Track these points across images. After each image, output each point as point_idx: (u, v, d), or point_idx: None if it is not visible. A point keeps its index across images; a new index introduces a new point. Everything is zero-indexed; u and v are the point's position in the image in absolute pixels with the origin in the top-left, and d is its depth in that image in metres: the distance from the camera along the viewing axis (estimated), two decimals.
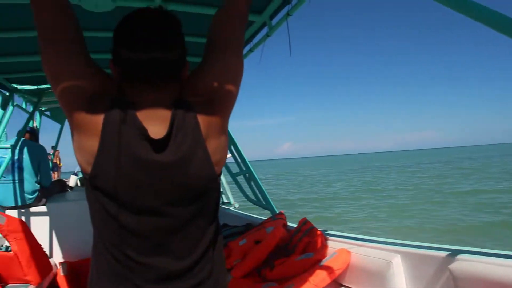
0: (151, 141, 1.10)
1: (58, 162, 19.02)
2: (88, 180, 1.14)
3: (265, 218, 3.78)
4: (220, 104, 1.23)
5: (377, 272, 2.24)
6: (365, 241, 2.59)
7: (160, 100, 1.16)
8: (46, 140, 4.95)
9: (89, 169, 1.12)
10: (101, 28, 2.95)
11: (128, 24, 1.17)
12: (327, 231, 3.04)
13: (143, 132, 1.10)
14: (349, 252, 2.50)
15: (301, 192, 23.59)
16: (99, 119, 1.10)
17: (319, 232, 2.94)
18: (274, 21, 2.88)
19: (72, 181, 7.73)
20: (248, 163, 4.50)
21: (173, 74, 1.19)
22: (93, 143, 1.10)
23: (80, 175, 15.96)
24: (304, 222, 3.18)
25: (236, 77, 1.29)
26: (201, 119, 1.16)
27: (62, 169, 18.65)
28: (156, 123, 1.13)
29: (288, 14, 2.64)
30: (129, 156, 1.10)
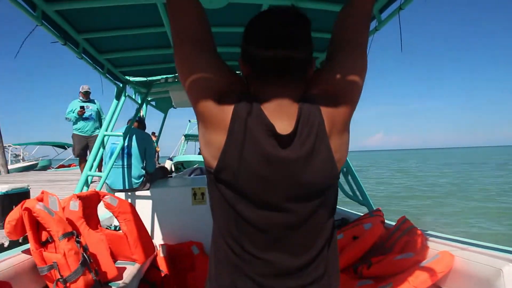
0: (277, 136, 1.12)
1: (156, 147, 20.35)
2: (212, 174, 1.18)
3: (361, 214, 3.72)
4: (346, 103, 1.23)
5: (484, 280, 2.08)
6: (471, 245, 2.44)
7: (286, 96, 1.18)
8: (148, 127, 5.36)
9: (214, 163, 1.16)
10: (215, 24, 3.08)
11: (259, 23, 1.20)
12: (427, 231, 2.91)
13: (270, 127, 1.12)
14: (452, 256, 2.36)
15: (394, 186, 22.66)
16: (227, 114, 1.14)
17: (419, 232, 2.82)
18: (383, 15, 2.79)
19: (167, 165, 8.22)
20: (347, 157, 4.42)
21: (301, 72, 1.21)
22: (221, 138, 1.14)
23: (175, 160, 16.75)
24: (403, 221, 3.08)
25: (362, 76, 1.29)
26: (326, 116, 1.17)
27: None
28: (282, 119, 1.15)
29: (400, 8, 2.54)
30: (256, 151, 1.12)
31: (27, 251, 2.59)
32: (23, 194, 5.23)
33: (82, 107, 8.78)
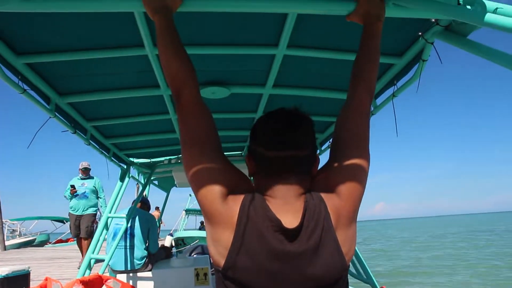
0: (284, 230, 1.16)
1: (162, 223, 20.23)
2: (220, 273, 1.21)
3: None
4: (351, 197, 1.29)
5: None
6: None
7: (292, 192, 1.24)
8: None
9: (222, 262, 1.18)
10: (216, 111, 3.28)
11: (264, 125, 1.31)
12: None
13: (277, 222, 1.17)
14: None
15: (400, 260, 22.10)
16: (234, 212, 1.19)
17: None
18: (378, 101, 2.97)
19: (168, 241, 8.15)
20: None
21: (306, 169, 1.29)
22: (228, 236, 1.18)
23: (175, 235, 16.58)
24: None
25: (365, 172, 1.36)
26: (332, 210, 1.23)
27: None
28: (288, 214, 1.20)
29: (393, 95, 2.72)
30: (263, 247, 1.15)
31: None
32: (24, 277, 5.19)
33: (72, 186, 8.60)
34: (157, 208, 10.54)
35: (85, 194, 8.62)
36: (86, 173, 8.84)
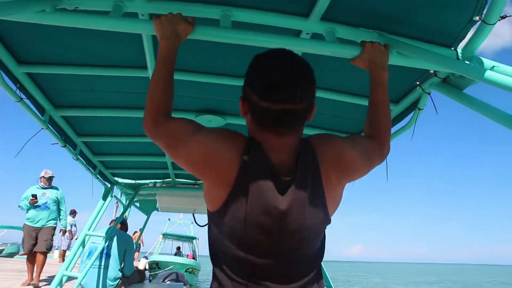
0: (279, 183, 1.19)
1: (141, 242, 19.93)
2: (212, 219, 1.27)
3: None
4: (347, 167, 1.33)
5: None
6: None
7: (285, 144, 1.24)
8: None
9: (216, 207, 1.22)
10: None
11: (261, 69, 1.23)
12: None
13: (273, 175, 1.19)
14: None
15: None
16: (233, 164, 1.20)
17: None
18: None
19: (142, 264, 7.99)
20: (329, 278, 4.44)
21: (300, 121, 1.26)
22: (224, 191, 1.20)
23: (150, 258, 16.37)
24: None
25: (370, 162, 1.44)
26: (323, 169, 1.26)
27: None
28: (281, 166, 1.22)
29: None
30: (258, 201, 1.18)
31: None
32: None
33: (34, 195, 7.53)
34: (135, 232, 10.33)
35: (46, 204, 7.66)
36: (50, 182, 7.92)
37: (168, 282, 6.54)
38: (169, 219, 22.55)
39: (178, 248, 24.64)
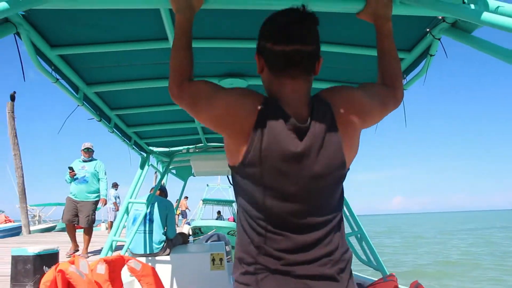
0: (297, 129, 1.31)
1: (186, 209, 20.64)
2: (236, 170, 1.38)
3: (375, 279, 3.83)
4: (362, 112, 1.44)
5: None
6: None
7: (299, 90, 1.37)
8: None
9: (239, 158, 1.34)
10: None
11: (273, 22, 1.39)
12: None
13: (291, 122, 1.31)
14: None
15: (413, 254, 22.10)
16: (252, 118, 1.32)
17: None
18: None
19: (185, 230, 8.34)
20: (359, 223, 4.61)
21: (310, 65, 1.39)
22: (245, 137, 1.32)
23: (193, 224, 17.00)
24: (416, 286, 3.19)
25: (374, 115, 1.52)
26: (337, 116, 1.37)
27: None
28: (297, 113, 1.34)
29: (403, 88, 2.84)
30: (277, 148, 1.30)
31: None
32: (54, 255, 5.48)
33: (70, 168, 7.63)
34: (185, 198, 10.72)
35: (84, 178, 7.69)
36: (89, 154, 7.92)
37: (210, 242, 6.87)
38: (207, 185, 23.12)
39: (219, 212, 25.30)
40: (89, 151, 7.91)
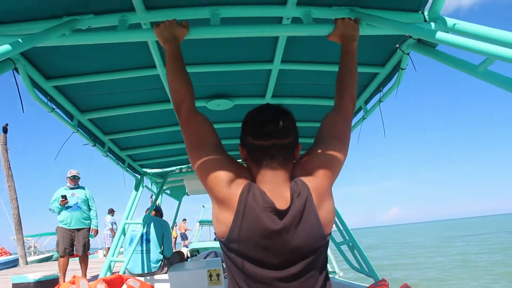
0: (277, 212, 1.42)
1: (185, 230, 20.60)
2: (223, 243, 1.49)
3: (366, 285, 3.96)
4: (326, 176, 1.54)
5: None
6: None
7: (278, 178, 1.49)
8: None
9: (225, 235, 1.46)
10: (221, 121, 3.67)
11: (252, 118, 1.55)
12: None
13: (272, 206, 1.42)
14: None
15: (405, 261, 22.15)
16: (236, 196, 1.44)
17: None
18: (368, 106, 3.30)
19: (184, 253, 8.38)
20: (351, 232, 4.78)
21: (288, 155, 1.52)
22: (229, 216, 1.44)
23: (190, 247, 16.89)
24: None
25: (341, 158, 1.62)
26: (313, 190, 1.48)
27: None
28: (278, 198, 1.45)
29: (380, 101, 3.04)
30: (257, 227, 1.41)
31: None
32: (54, 281, 5.61)
33: (64, 196, 7.43)
34: (184, 220, 10.69)
35: (77, 205, 7.61)
36: (75, 182, 7.81)
37: (207, 259, 6.95)
38: (203, 206, 23.08)
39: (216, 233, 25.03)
40: (75, 179, 7.80)
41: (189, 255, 15.12)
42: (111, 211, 16.52)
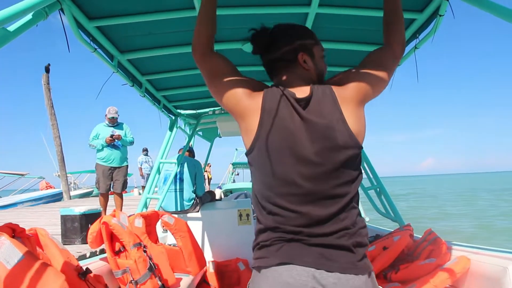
0: (298, 100, 1.44)
1: (209, 176, 21.20)
2: (252, 146, 1.47)
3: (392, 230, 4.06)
4: (357, 92, 1.50)
5: (493, 278, 2.44)
6: (484, 250, 2.80)
7: (295, 82, 1.53)
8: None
9: (252, 138, 1.46)
10: (256, 64, 3.67)
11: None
12: (450, 241, 3.24)
13: (292, 95, 1.45)
14: (468, 259, 2.72)
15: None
16: (258, 102, 1.47)
17: (442, 241, 3.17)
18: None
19: (217, 194, 8.61)
20: (379, 178, 4.82)
21: (286, 64, 1.57)
22: (255, 120, 1.46)
23: (224, 188, 17.37)
24: (429, 233, 3.42)
25: (376, 85, 1.56)
26: (337, 93, 1.47)
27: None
28: (299, 91, 1.48)
29: (415, 47, 2.99)
30: (283, 116, 1.43)
31: (104, 259, 3.13)
32: (97, 214, 5.98)
33: (112, 136, 7.44)
34: (208, 165, 10.88)
35: (119, 143, 7.59)
36: (114, 121, 7.72)
37: (237, 200, 7.17)
38: (236, 149, 23.40)
39: None
40: (113, 119, 7.70)
41: (222, 196, 15.59)
42: (145, 150, 16.79)
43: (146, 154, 16.78)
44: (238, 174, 23.51)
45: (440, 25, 2.68)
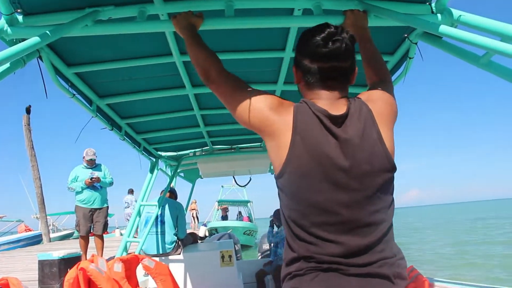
0: (332, 117, 1.35)
1: (196, 212, 20.91)
2: (283, 168, 1.36)
3: None
4: (388, 104, 1.53)
5: None
6: (466, 286, 2.80)
7: (335, 96, 1.43)
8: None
9: (283, 159, 1.35)
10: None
11: (309, 39, 1.43)
12: (433, 277, 3.25)
13: (325, 112, 1.36)
14: None
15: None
16: (289, 118, 1.37)
17: (424, 278, 3.17)
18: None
19: (202, 231, 8.54)
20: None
21: (345, 78, 1.46)
22: (287, 137, 1.35)
23: (209, 226, 17.20)
24: (411, 270, 3.41)
25: (394, 109, 1.56)
26: (373, 109, 1.43)
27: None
28: (333, 109, 1.38)
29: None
30: (316, 135, 1.34)
31: None
32: (77, 258, 5.86)
33: (92, 178, 7.45)
34: (194, 201, 10.89)
35: (99, 184, 7.59)
36: (92, 163, 7.74)
37: (219, 241, 7.11)
38: (222, 186, 23.34)
39: (240, 213, 25.37)
40: (91, 161, 7.74)
41: (207, 234, 15.43)
42: (131, 191, 16.54)
43: (133, 195, 16.51)
44: (228, 211, 23.36)
45: (411, 67, 2.80)
